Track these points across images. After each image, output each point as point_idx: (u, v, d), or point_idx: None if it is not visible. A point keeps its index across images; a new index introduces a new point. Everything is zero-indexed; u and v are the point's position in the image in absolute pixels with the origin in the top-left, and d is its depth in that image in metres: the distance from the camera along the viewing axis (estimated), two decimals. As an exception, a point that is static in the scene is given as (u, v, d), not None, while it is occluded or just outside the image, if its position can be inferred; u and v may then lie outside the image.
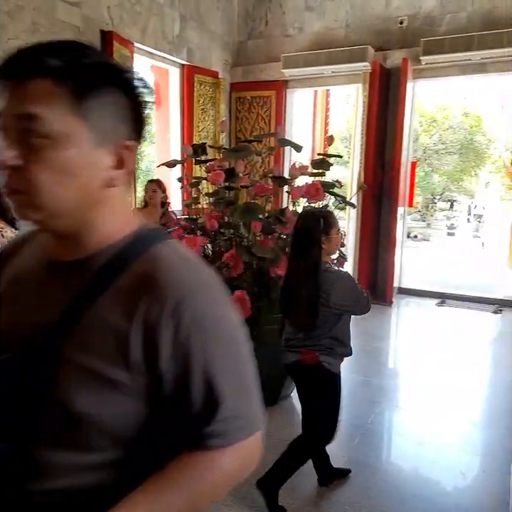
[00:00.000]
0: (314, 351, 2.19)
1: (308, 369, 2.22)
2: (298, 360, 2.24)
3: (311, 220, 2.21)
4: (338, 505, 2.39)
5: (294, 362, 2.27)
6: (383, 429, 3.18)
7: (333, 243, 2.23)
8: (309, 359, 2.19)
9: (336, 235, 2.22)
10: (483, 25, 5.63)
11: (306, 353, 2.20)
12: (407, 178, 6.61)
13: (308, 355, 2.19)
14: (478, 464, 2.80)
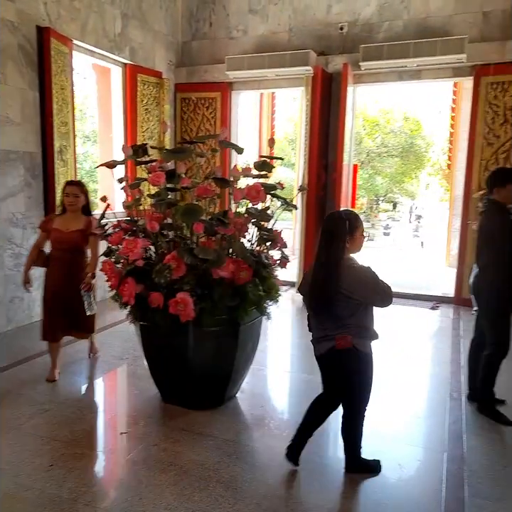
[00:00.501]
0: (347, 336, 2.43)
1: (344, 352, 2.45)
2: (333, 347, 2.46)
3: (338, 221, 2.44)
4: (278, 502, 2.41)
5: (328, 349, 2.49)
6: (326, 425, 3.22)
7: (357, 243, 2.47)
8: (343, 343, 2.43)
9: (360, 236, 2.46)
10: (418, 33, 5.89)
11: (340, 338, 2.43)
12: (349, 180, 6.79)
13: (342, 340, 2.43)
14: (414, 454, 2.91)
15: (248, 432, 3.20)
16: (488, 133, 5.66)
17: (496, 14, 5.56)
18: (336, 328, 2.45)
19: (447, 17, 5.78)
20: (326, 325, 2.49)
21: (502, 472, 2.71)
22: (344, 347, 2.44)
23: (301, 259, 6.62)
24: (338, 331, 2.44)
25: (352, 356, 2.48)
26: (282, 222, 15.51)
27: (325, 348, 2.51)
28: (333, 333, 2.46)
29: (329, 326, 2.48)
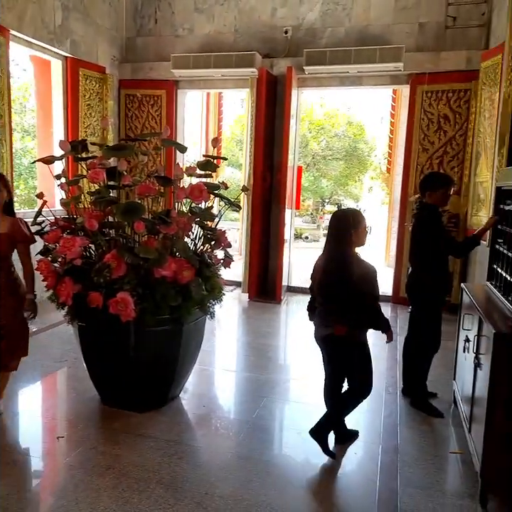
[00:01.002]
0: (344, 326, 2.69)
1: (339, 339, 2.73)
2: (332, 333, 2.74)
3: (343, 217, 2.74)
4: (219, 500, 2.42)
5: (327, 335, 2.78)
6: (267, 422, 3.28)
7: (360, 236, 2.72)
8: (340, 331, 2.70)
9: (363, 230, 2.72)
10: (359, 40, 6.09)
11: (338, 327, 2.70)
12: (294, 181, 6.90)
13: (340, 328, 2.70)
14: (352, 448, 3.00)
15: (190, 432, 3.19)
16: (424, 139, 5.94)
17: (431, 26, 5.84)
18: (336, 316, 2.73)
19: (386, 26, 6.01)
20: (328, 313, 2.79)
21: (432, 462, 2.85)
22: (341, 334, 2.71)
23: (247, 259, 6.66)
24: (338, 319, 2.71)
25: (347, 343, 2.76)
26: (230, 223, 15.61)
27: (324, 333, 2.79)
28: (332, 320, 2.74)
29: (331, 313, 2.76)
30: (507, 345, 2.31)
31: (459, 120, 5.75)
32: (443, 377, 3.85)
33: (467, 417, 2.90)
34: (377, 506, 2.43)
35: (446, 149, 5.86)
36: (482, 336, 2.64)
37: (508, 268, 2.83)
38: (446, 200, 3.40)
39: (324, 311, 2.86)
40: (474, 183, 5.33)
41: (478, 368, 2.66)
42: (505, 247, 2.94)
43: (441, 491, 2.58)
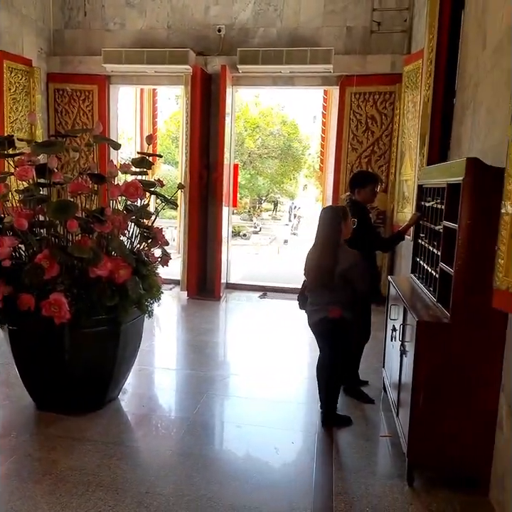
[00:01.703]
0: (338, 308, 3.03)
1: (335, 321, 3.05)
2: (326, 316, 3.07)
3: (332, 211, 3.14)
4: (160, 498, 2.44)
5: (322, 318, 3.10)
6: (207, 418, 3.32)
7: (348, 228, 3.07)
8: (335, 314, 3.03)
9: (350, 222, 3.08)
10: (290, 41, 6.23)
11: (333, 310, 3.03)
12: (230, 179, 6.96)
13: (335, 311, 3.03)
14: (289, 438, 3.10)
15: (130, 433, 3.16)
16: (353, 139, 6.19)
17: (358, 30, 6.09)
18: (330, 301, 3.05)
19: (316, 29, 6.19)
20: (322, 298, 3.10)
21: (364, 446, 3.01)
22: (335, 317, 3.03)
23: (185, 257, 6.64)
24: (331, 304, 3.04)
25: (340, 324, 3.08)
26: (167, 221, 15.39)
27: (318, 317, 3.12)
28: (327, 305, 3.06)
29: (324, 299, 3.08)
30: (428, 333, 2.49)
31: (385, 121, 6.05)
32: (374, 365, 4.06)
33: (395, 402, 3.09)
34: (314, 492, 2.54)
35: (374, 149, 6.15)
36: (407, 324, 2.82)
37: (429, 260, 3.04)
38: (373, 197, 3.59)
39: (318, 297, 3.15)
40: (399, 181, 5.63)
41: (403, 355, 2.85)
42: (426, 241, 3.16)
43: (373, 473, 2.73)
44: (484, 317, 2.37)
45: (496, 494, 2.42)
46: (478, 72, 3.06)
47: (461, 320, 2.43)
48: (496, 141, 2.61)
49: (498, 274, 2.07)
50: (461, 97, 3.51)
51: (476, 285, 2.35)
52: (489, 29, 2.87)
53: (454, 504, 2.45)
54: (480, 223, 2.32)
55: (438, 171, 2.99)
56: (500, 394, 2.42)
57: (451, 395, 2.49)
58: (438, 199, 2.92)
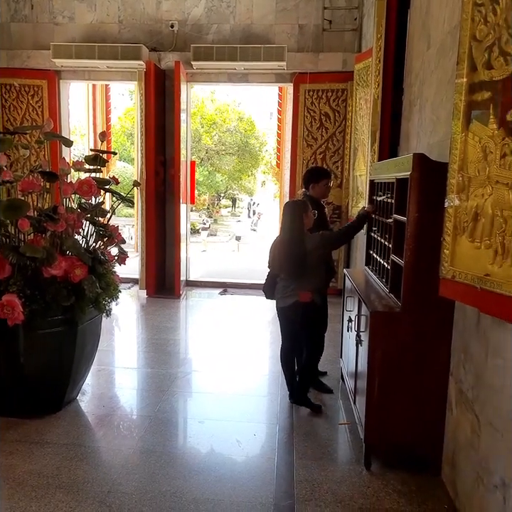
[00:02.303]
0: (309, 292, 3.23)
1: (304, 305, 3.25)
2: (297, 300, 3.25)
3: (294, 204, 3.35)
4: (123, 496, 2.43)
5: (293, 303, 3.27)
6: (169, 415, 3.33)
7: (309, 219, 3.27)
8: (306, 298, 3.23)
9: (310, 213, 3.28)
10: (244, 38, 6.26)
11: (304, 294, 3.23)
12: (187, 176, 6.93)
13: (305, 295, 3.23)
14: (251, 430, 3.15)
15: (90, 434, 3.12)
16: (308, 135, 6.29)
17: (310, 28, 6.18)
18: (300, 286, 3.24)
19: (269, 26, 6.24)
20: (293, 284, 3.27)
21: (324, 434, 3.10)
22: (306, 301, 3.23)
23: (143, 255, 6.58)
24: (301, 289, 3.23)
25: (311, 307, 3.28)
26: (125, 219, 15.11)
27: (289, 302, 3.28)
28: (297, 290, 3.24)
29: (295, 284, 3.26)
30: (381, 322, 2.59)
31: (338, 118, 6.19)
32: (332, 356, 4.17)
33: (352, 390, 3.20)
34: (276, 481, 2.60)
35: (328, 145, 6.28)
36: (361, 315, 2.92)
37: (381, 253, 3.15)
38: (327, 192, 3.68)
39: (288, 283, 3.30)
40: (353, 177, 5.78)
41: (359, 345, 2.94)
42: (378, 234, 3.27)
43: (332, 460, 2.82)
44: (433, 305, 2.48)
45: (447, 472, 2.55)
46: (423, 70, 3.19)
47: (411, 309, 2.54)
48: (441, 137, 2.73)
49: (443, 264, 2.18)
50: (409, 95, 3.64)
51: (424, 275, 2.46)
52: (433, 29, 3.00)
53: (409, 484, 2.57)
54: (427, 216, 2.43)
55: (388, 166, 3.10)
56: (449, 378, 2.55)
57: (404, 381, 2.60)
58: (388, 193, 3.02)
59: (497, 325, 1.97)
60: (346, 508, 2.37)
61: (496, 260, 1.86)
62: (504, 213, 1.82)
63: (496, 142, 1.86)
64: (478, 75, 1.97)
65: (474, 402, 2.19)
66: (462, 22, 2.06)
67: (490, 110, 1.92)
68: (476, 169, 2.00)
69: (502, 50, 1.81)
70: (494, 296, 1.85)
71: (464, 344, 2.35)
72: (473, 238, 2.01)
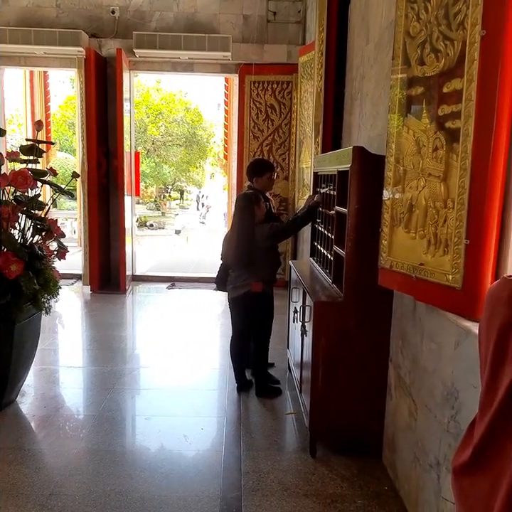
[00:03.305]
0: (260, 282, 3.32)
1: (256, 295, 3.33)
2: (249, 290, 3.32)
3: (245, 197, 3.38)
4: (66, 498, 2.37)
5: (245, 293, 3.34)
6: (114, 413, 3.25)
7: (261, 210, 3.33)
8: (257, 288, 3.31)
9: (262, 205, 3.36)
10: (188, 27, 6.15)
11: (255, 284, 3.31)
12: (132, 167, 6.76)
13: (256, 285, 3.31)
14: (199, 424, 3.14)
15: (30, 436, 3.02)
16: (254, 127, 6.30)
17: (254, 18, 6.16)
18: (251, 276, 3.31)
19: (213, 15, 6.17)
20: (244, 275, 3.34)
21: (271, 425, 3.14)
22: (257, 291, 3.30)
23: (86, 250, 6.38)
24: (253, 279, 3.31)
25: (262, 297, 3.37)
26: (67, 212, 14.59)
27: (241, 292, 3.36)
28: (249, 280, 3.32)
29: (246, 275, 3.33)
30: (324, 312, 2.64)
31: (284, 110, 6.22)
32: (279, 347, 4.21)
33: (298, 380, 3.25)
34: (223, 474, 2.61)
35: (275, 137, 6.31)
36: (306, 306, 2.96)
37: (325, 244, 3.20)
38: (271, 185, 3.68)
39: (240, 273, 3.37)
40: (299, 169, 5.83)
41: (304, 335, 2.99)
42: (322, 226, 3.32)
43: (279, 449, 2.86)
44: (373, 295, 2.55)
45: (387, 455, 2.64)
46: (363, 65, 3.26)
47: (353, 298, 2.60)
48: (380, 130, 2.80)
49: (382, 254, 2.25)
50: (350, 89, 3.71)
51: (365, 265, 2.52)
52: (371, 24, 3.06)
53: (352, 469, 2.65)
54: (367, 207, 2.49)
55: (330, 158, 3.15)
56: (389, 364, 2.64)
57: (347, 369, 2.67)
58: (331, 186, 3.07)
59: (431, 312, 2.06)
60: (292, 496, 2.42)
61: (429, 250, 1.94)
62: (436, 205, 1.89)
63: (429, 136, 1.93)
64: (412, 70, 2.03)
65: (411, 386, 2.28)
66: (397, 18, 2.11)
67: (423, 105, 1.98)
68: (411, 162, 2.06)
69: (433, 46, 1.88)
70: (428, 284, 1.93)
71: (402, 331, 2.44)
72: (408, 229, 2.09)
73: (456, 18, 1.73)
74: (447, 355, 1.89)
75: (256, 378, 3.56)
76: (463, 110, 1.72)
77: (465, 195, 1.72)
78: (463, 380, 1.74)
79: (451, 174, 1.80)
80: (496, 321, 1.13)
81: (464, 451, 1.20)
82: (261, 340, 3.55)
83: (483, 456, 1.13)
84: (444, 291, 1.83)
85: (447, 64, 1.80)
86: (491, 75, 1.59)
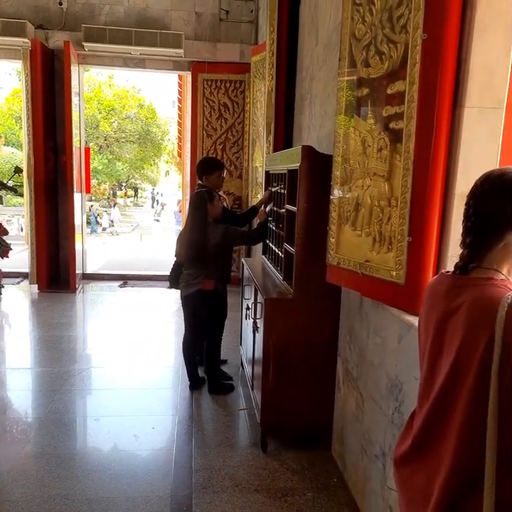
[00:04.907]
0: (212, 280, 3.30)
1: (208, 293, 3.32)
2: (200, 288, 3.31)
3: (198, 195, 3.33)
4: (8, 505, 2.28)
5: (196, 290, 3.32)
6: (62, 415, 3.16)
7: (215, 208, 3.32)
8: (209, 286, 3.30)
9: (216, 203, 3.34)
10: (139, 22, 6.05)
11: (207, 282, 3.29)
12: (82, 163, 6.58)
13: (208, 283, 3.30)
14: (149, 423, 3.10)
15: (-29, 442, 2.88)
16: (207, 125, 6.27)
17: (207, 16, 6.13)
18: (203, 274, 3.29)
19: (165, 11, 6.09)
20: (197, 273, 3.32)
21: (223, 421, 3.14)
22: (209, 289, 3.29)
23: (33, 248, 6.16)
24: (205, 277, 3.29)
25: (214, 295, 3.35)
26: (15, 209, 13.99)
27: (192, 290, 3.34)
28: (201, 278, 3.30)
29: (199, 273, 3.31)
30: (275, 308, 2.67)
31: (237, 109, 6.23)
32: (232, 344, 4.22)
33: (250, 376, 3.27)
34: (174, 472, 2.59)
35: (228, 136, 6.30)
36: (258, 302, 2.98)
37: (276, 242, 3.24)
38: (221, 183, 3.67)
39: (192, 271, 3.35)
40: (252, 168, 5.86)
41: (256, 332, 3.01)
42: (274, 224, 3.35)
43: (231, 445, 2.87)
44: (323, 291, 2.60)
45: (336, 447, 2.71)
46: (313, 65, 3.31)
47: (302, 295, 2.64)
48: (328, 130, 2.85)
49: (330, 251, 2.30)
50: (300, 89, 3.76)
51: (314, 262, 2.56)
52: (320, 25, 3.12)
53: (303, 462, 2.69)
54: (315, 206, 2.53)
55: (280, 157, 3.18)
56: (338, 358, 2.70)
57: (297, 365, 2.71)
58: (282, 184, 3.11)
59: (376, 307, 2.12)
60: (243, 492, 2.43)
61: (374, 247, 2.00)
62: (381, 203, 1.95)
63: (374, 136, 1.99)
64: (358, 72, 2.08)
65: (358, 380, 2.35)
66: (343, 20, 2.16)
67: (368, 106, 2.04)
68: (357, 162, 2.12)
69: (378, 49, 1.93)
70: (373, 280, 1.99)
71: (350, 326, 2.50)
72: (355, 227, 2.14)
73: (399, 21, 1.79)
74: (391, 349, 1.96)
75: (208, 375, 3.55)
76: (405, 111, 1.78)
77: (408, 194, 1.78)
78: (406, 372, 1.81)
79: (395, 174, 1.87)
80: (434, 315, 1.17)
81: (404, 442, 1.25)
82: (213, 338, 3.54)
83: (421, 447, 1.18)
84: (389, 286, 1.90)
85: (391, 66, 1.86)
86: (431, 78, 1.65)
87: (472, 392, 1.01)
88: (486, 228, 1.10)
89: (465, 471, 1.04)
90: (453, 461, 1.05)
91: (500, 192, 1.08)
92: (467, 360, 1.03)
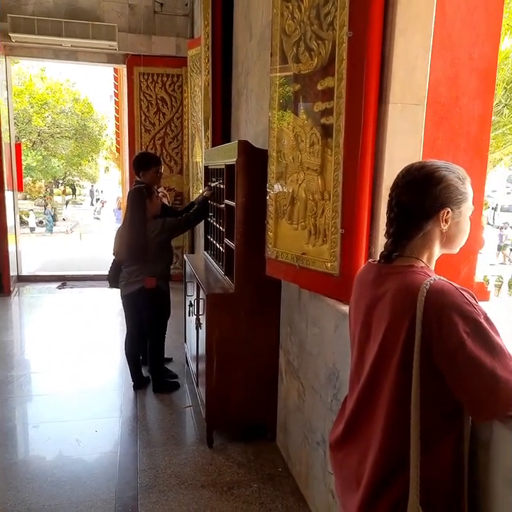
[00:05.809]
0: (154, 278, 3.24)
1: (150, 291, 3.26)
2: (142, 286, 3.24)
3: (137, 191, 3.27)
4: None
5: (138, 289, 3.26)
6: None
7: (154, 205, 3.27)
8: (150, 284, 3.24)
9: (155, 199, 3.30)
10: (69, 13, 5.81)
11: (148, 280, 3.23)
12: (13, 160, 6.27)
13: (150, 281, 3.24)
14: (92, 427, 3.02)
15: None
16: (145, 120, 6.14)
17: (141, 9, 5.98)
18: (144, 272, 3.24)
19: (96, 2, 5.88)
20: (137, 271, 3.26)
21: (168, 420, 3.12)
22: (151, 287, 3.23)
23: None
24: (146, 275, 3.24)
25: (156, 293, 3.30)
26: None
27: (134, 288, 3.27)
28: (142, 276, 3.24)
29: (139, 271, 3.25)
30: (217, 304, 2.67)
31: (175, 104, 6.14)
32: (177, 342, 4.19)
33: (195, 373, 3.26)
34: (118, 474, 2.55)
35: (167, 131, 6.21)
36: (200, 299, 2.98)
37: (217, 237, 3.24)
38: (159, 179, 3.61)
39: (133, 270, 3.29)
40: (193, 163, 5.81)
41: (199, 328, 3.01)
42: (214, 220, 3.35)
43: (176, 443, 2.86)
44: (263, 285, 2.64)
45: (281, 437, 2.76)
46: (248, 61, 3.32)
47: (243, 289, 2.66)
48: (264, 125, 2.86)
49: (268, 245, 2.33)
50: (237, 84, 3.76)
51: (254, 256, 2.58)
52: (253, 21, 3.13)
53: (248, 454, 2.72)
54: (253, 200, 2.55)
55: (218, 153, 3.18)
56: (280, 350, 2.74)
57: (240, 359, 2.73)
58: (220, 179, 3.11)
59: (313, 298, 2.17)
60: (189, 488, 2.43)
61: (310, 240, 2.05)
62: (315, 197, 2.00)
63: (306, 131, 2.03)
64: (289, 68, 2.11)
65: (299, 370, 2.40)
66: (273, 16, 2.18)
67: (300, 101, 2.08)
68: (291, 156, 2.15)
69: (307, 45, 1.97)
70: (310, 272, 2.04)
71: (290, 318, 2.55)
72: (291, 221, 2.18)
73: (327, 18, 1.83)
74: (328, 338, 2.01)
75: (152, 374, 3.51)
76: (335, 107, 1.83)
77: (339, 188, 1.84)
78: (342, 360, 1.87)
79: (327, 168, 1.91)
80: (363, 302, 1.23)
81: (337, 427, 1.30)
82: (156, 337, 3.49)
83: (353, 430, 1.23)
84: (324, 278, 1.95)
85: (320, 62, 1.90)
86: (358, 75, 1.70)
87: (396, 373, 1.07)
88: (407, 218, 1.16)
89: (393, 451, 1.09)
90: (381, 442, 1.10)
91: (420, 184, 1.14)
92: (392, 343, 1.08)
